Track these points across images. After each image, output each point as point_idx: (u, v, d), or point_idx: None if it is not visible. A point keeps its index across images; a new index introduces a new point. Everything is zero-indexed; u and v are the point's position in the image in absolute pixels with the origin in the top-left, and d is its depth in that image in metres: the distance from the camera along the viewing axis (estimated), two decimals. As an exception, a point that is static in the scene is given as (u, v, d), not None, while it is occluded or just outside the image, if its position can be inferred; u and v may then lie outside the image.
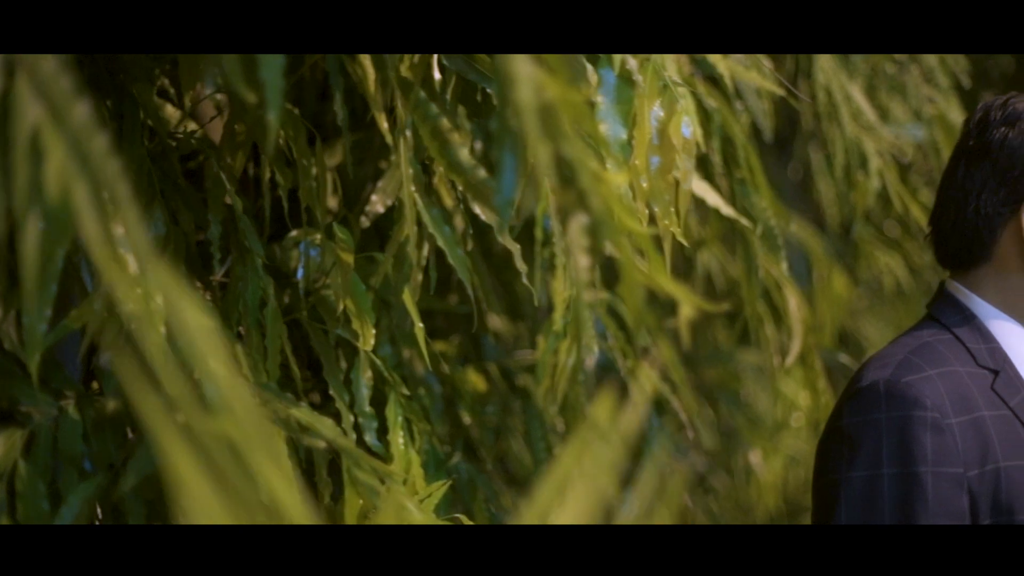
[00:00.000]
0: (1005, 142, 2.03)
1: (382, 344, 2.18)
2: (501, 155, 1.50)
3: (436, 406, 2.27)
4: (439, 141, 1.68)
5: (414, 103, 1.71)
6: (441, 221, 1.75)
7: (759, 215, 2.29)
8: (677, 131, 1.75)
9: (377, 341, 2.18)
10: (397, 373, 2.20)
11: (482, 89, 1.82)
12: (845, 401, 1.99)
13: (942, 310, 2.09)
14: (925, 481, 1.90)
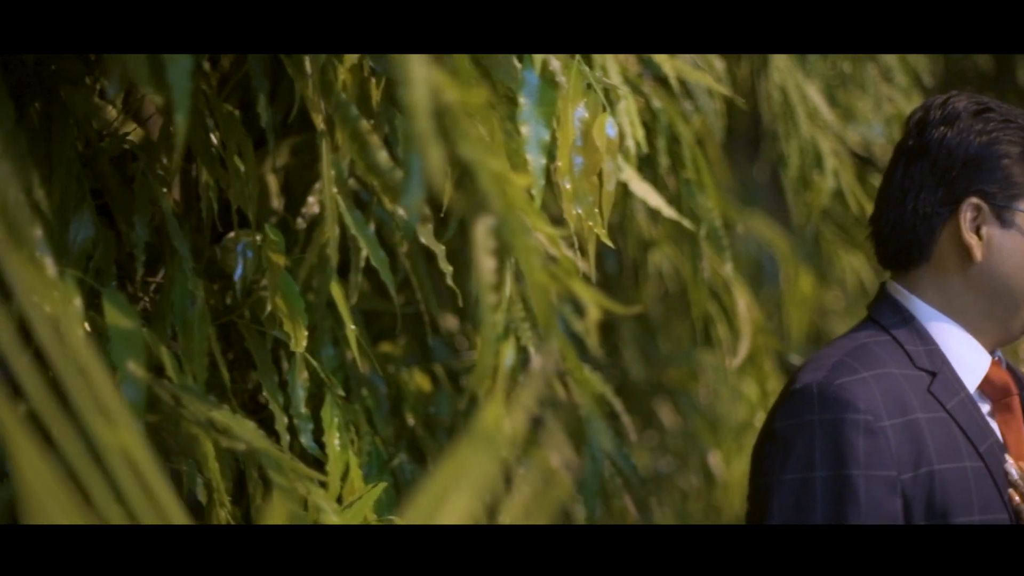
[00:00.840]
0: (943, 141, 2.02)
1: (325, 345, 2.17)
2: (408, 157, 1.50)
3: (382, 407, 2.27)
4: (358, 143, 1.67)
5: (335, 104, 1.70)
6: (364, 223, 1.75)
7: (704, 216, 2.28)
8: (601, 132, 1.74)
9: (320, 342, 2.18)
10: (340, 375, 2.20)
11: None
12: (779, 403, 1.98)
13: (881, 311, 2.08)
14: (857, 484, 1.88)
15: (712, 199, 2.29)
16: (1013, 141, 2.01)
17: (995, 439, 2.01)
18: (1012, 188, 2.01)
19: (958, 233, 2.01)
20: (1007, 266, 2.01)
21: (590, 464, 2.19)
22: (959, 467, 1.94)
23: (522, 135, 1.69)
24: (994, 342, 2.07)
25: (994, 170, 2.00)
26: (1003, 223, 2.01)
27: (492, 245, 1.49)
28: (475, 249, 1.48)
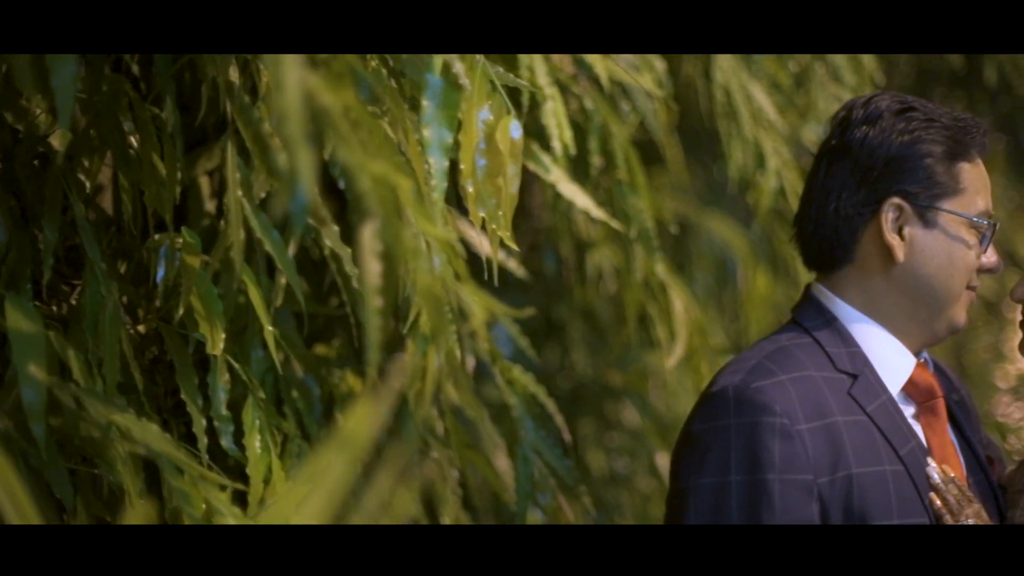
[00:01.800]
0: (865, 141, 2.00)
1: (255, 347, 2.17)
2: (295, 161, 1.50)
3: (314, 409, 2.26)
4: (260, 146, 1.67)
5: (239, 107, 1.70)
6: (270, 226, 1.75)
7: (635, 216, 2.27)
8: (505, 134, 1.74)
9: (250, 344, 2.18)
10: (270, 377, 2.20)
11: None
12: (697, 407, 1.97)
13: (804, 313, 2.06)
14: (772, 488, 1.87)
15: (644, 200, 2.28)
16: (936, 140, 1.99)
17: (918, 442, 1.99)
18: (935, 188, 1.99)
19: (880, 234, 1.99)
20: (930, 267, 2.00)
21: (521, 465, 2.18)
22: (878, 471, 1.93)
23: (424, 137, 1.68)
24: (919, 343, 2.05)
25: (916, 170, 1.99)
26: (926, 223, 1.99)
27: (379, 248, 1.49)
28: (361, 253, 1.48)
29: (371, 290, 1.47)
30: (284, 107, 1.33)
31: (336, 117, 1.37)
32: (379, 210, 1.42)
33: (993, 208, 2.08)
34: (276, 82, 1.33)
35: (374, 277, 1.47)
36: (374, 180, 1.41)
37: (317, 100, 1.37)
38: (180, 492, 1.65)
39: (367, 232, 1.47)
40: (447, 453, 2.30)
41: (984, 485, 2.09)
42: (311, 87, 1.36)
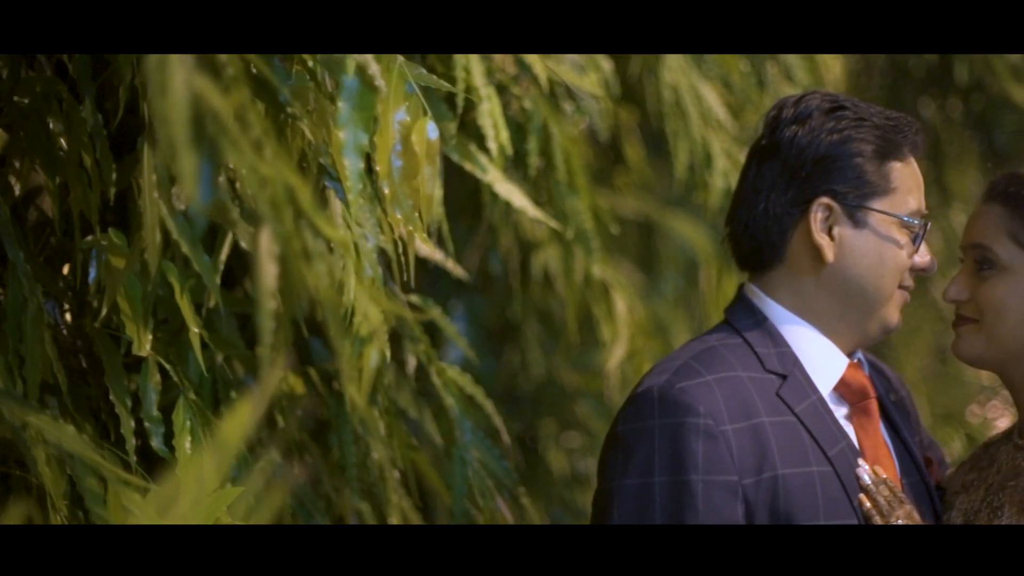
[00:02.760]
0: (795, 140, 1.99)
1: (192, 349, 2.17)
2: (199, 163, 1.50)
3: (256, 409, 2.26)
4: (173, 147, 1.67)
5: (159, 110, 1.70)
6: (187, 227, 1.75)
7: (574, 217, 2.27)
8: (421, 135, 1.73)
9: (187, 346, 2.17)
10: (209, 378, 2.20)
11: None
12: (623, 407, 1.97)
13: (736, 313, 2.05)
14: (696, 489, 1.87)
15: (584, 200, 2.27)
16: (866, 139, 1.98)
17: (848, 443, 1.98)
18: (865, 187, 1.98)
19: (809, 234, 1.98)
20: (860, 267, 1.99)
21: (458, 466, 2.18)
22: (805, 472, 1.92)
23: (339, 139, 1.68)
24: (851, 344, 2.04)
25: (845, 169, 1.97)
26: (856, 223, 1.98)
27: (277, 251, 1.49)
28: (257, 255, 1.48)
29: (265, 293, 1.47)
30: (167, 109, 1.33)
31: (226, 120, 1.37)
32: (270, 213, 1.41)
33: (966, 206, 2.08)
34: (160, 84, 1.33)
35: (269, 280, 1.47)
36: (265, 183, 1.41)
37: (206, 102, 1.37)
38: (92, 493, 1.65)
39: (263, 235, 1.48)
40: (388, 453, 2.30)
41: (920, 487, 2.08)
42: (199, 89, 1.36)
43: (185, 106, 1.33)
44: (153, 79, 1.32)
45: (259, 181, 1.40)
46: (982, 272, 2.04)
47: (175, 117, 1.32)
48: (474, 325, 2.92)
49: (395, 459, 2.31)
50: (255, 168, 1.40)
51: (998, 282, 2.02)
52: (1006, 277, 2.02)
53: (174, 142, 1.31)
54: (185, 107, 1.33)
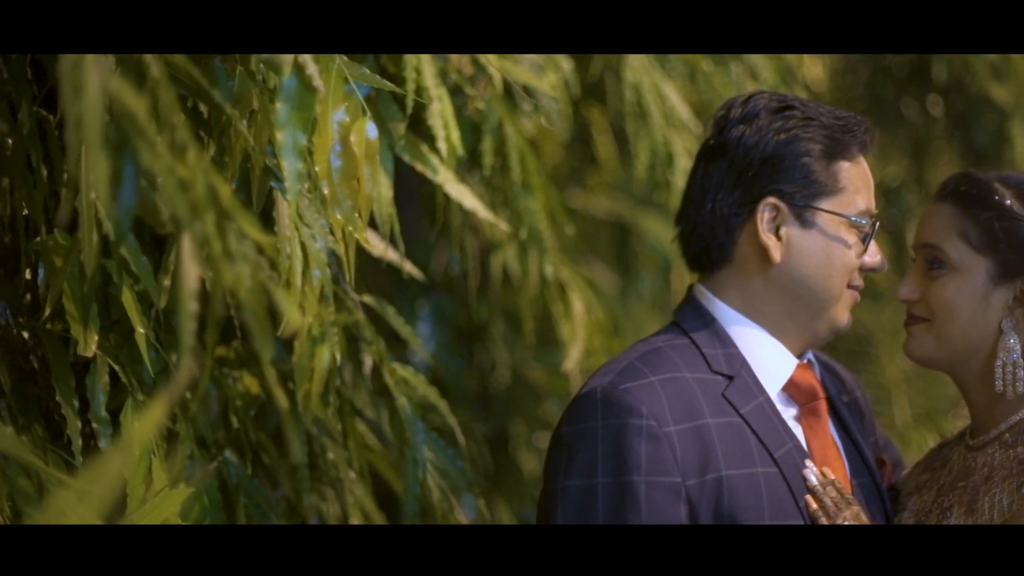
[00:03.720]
0: (742, 140, 1.98)
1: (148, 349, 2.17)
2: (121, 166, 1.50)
3: (211, 410, 2.26)
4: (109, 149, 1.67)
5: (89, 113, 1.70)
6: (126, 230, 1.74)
7: (528, 217, 2.26)
8: (361, 135, 1.73)
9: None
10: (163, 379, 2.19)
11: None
12: (567, 409, 1.96)
13: (684, 314, 2.05)
14: (638, 490, 1.86)
15: (538, 200, 2.27)
16: (814, 139, 1.97)
17: (796, 444, 1.98)
18: (812, 187, 1.97)
19: (757, 234, 1.98)
20: (807, 267, 1.98)
21: (410, 467, 2.18)
22: (750, 473, 1.91)
23: (278, 140, 1.68)
24: (800, 344, 2.03)
25: (792, 169, 1.97)
26: (803, 223, 1.98)
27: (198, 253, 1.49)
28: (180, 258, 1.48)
29: (186, 294, 1.47)
30: (80, 111, 1.33)
31: (141, 122, 1.37)
32: (188, 215, 1.41)
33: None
34: (74, 85, 1.33)
35: (191, 282, 1.47)
36: (182, 185, 1.41)
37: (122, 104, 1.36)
38: (24, 494, 1.65)
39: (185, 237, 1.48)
40: (345, 454, 2.29)
41: (870, 488, 2.08)
42: (115, 91, 1.36)
43: (99, 108, 1.33)
44: (67, 80, 1.32)
45: (177, 184, 1.40)
46: (932, 272, 2.04)
47: (88, 119, 1.32)
48: (441, 325, 2.92)
49: (351, 460, 2.30)
50: (172, 170, 1.39)
51: (948, 281, 2.02)
52: (956, 277, 2.01)
53: (87, 144, 1.31)
54: (99, 109, 1.33)
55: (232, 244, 1.49)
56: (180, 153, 1.42)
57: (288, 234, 1.89)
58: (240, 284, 1.47)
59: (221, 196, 1.47)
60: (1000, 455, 1.99)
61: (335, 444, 2.28)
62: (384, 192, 2.09)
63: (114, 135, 1.42)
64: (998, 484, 1.95)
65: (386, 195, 2.10)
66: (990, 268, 2.00)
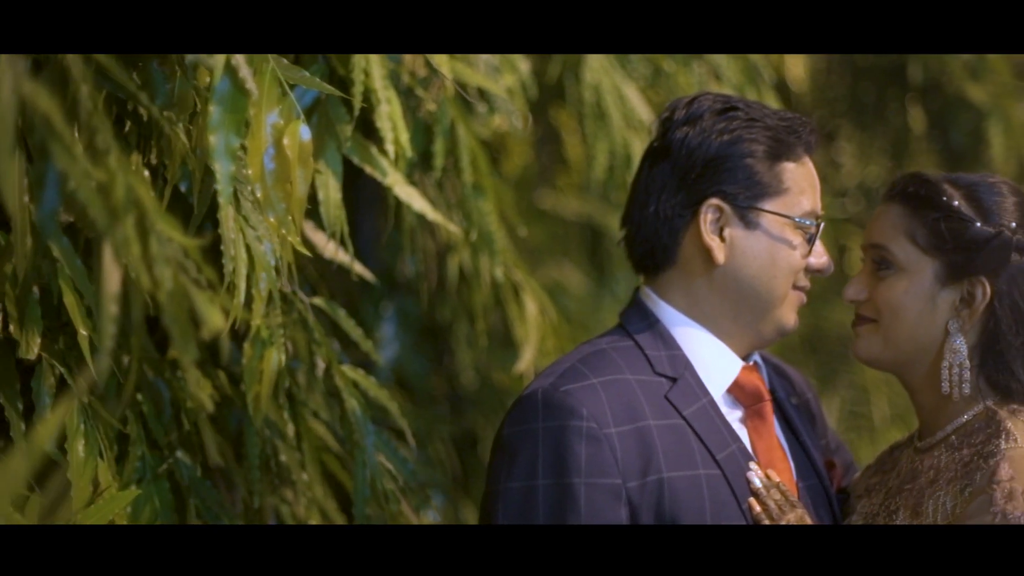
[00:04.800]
0: (685, 141, 1.98)
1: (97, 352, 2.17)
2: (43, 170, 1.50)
3: (165, 412, 2.26)
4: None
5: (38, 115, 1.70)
6: (60, 233, 1.74)
7: (479, 219, 2.26)
8: (294, 138, 1.73)
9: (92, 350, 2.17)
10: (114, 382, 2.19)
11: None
12: (509, 410, 1.96)
13: (629, 316, 2.04)
14: (578, 492, 1.85)
15: (491, 202, 2.26)
16: (757, 140, 1.97)
17: (739, 446, 1.97)
18: (755, 188, 1.96)
19: (700, 235, 1.97)
20: (751, 268, 1.97)
21: (359, 469, 2.17)
22: (692, 475, 1.91)
23: (210, 143, 1.67)
24: (746, 346, 2.03)
25: (736, 170, 1.96)
26: (747, 224, 1.97)
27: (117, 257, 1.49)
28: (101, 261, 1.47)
29: (108, 297, 1.47)
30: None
31: (57, 124, 1.37)
32: (106, 219, 1.41)
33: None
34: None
35: (112, 285, 1.47)
36: (100, 189, 1.40)
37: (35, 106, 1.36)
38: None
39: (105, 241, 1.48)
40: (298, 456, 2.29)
41: (818, 490, 2.07)
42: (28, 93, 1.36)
43: (12, 110, 1.33)
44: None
45: (95, 187, 1.39)
46: (880, 272, 2.03)
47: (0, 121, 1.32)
48: (405, 327, 2.92)
49: (304, 461, 2.30)
50: (89, 174, 1.39)
51: (895, 282, 2.01)
52: (903, 277, 2.00)
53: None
54: (12, 111, 1.33)
55: (154, 247, 1.49)
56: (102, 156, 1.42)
57: (232, 236, 1.89)
58: (161, 287, 1.46)
59: (142, 199, 1.47)
60: (946, 457, 1.98)
61: (288, 446, 2.28)
62: (332, 194, 2.09)
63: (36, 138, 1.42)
64: (942, 487, 1.94)
65: (334, 197, 2.09)
66: (937, 269, 1.99)
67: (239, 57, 1.68)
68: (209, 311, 1.43)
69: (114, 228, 1.40)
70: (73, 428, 2.00)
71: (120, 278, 1.46)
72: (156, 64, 1.82)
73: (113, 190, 1.41)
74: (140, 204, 1.47)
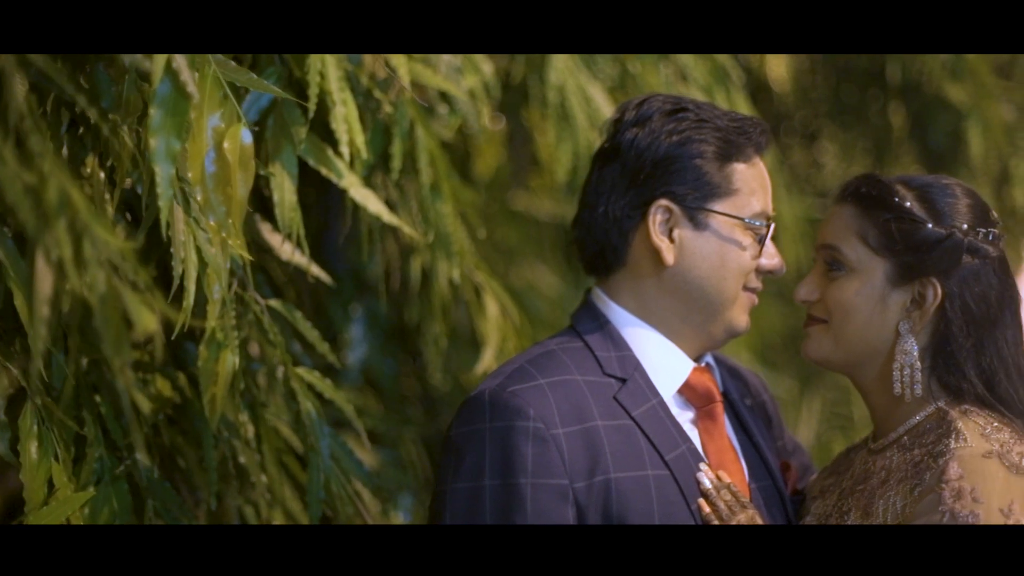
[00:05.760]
0: (635, 142, 1.98)
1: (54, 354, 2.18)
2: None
3: (124, 414, 2.27)
4: None
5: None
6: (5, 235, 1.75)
7: (436, 221, 2.26)
8: (235, 141, 1.73)
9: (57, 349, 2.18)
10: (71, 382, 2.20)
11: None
12: (457, 411, 1.96)
13: (579, 317, 2.04)
14: (524, 493, 1.85)
15: (448, 204, 2.26)
16: (707, 141, 1.96)
17: (689, 447, 1.97)
18: (704, 189, 1.96)
19: (648, 238, 1.97)
20: (701, 269, 1.97)
21: (313, 471, 2.17)
22: (640, 476, 1.90)
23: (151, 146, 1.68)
24: (697, 347, 2.03)
25: (684, 171, 1.96)
26: (696, 225, 1.97)
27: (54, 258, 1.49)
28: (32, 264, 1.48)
29: (40, 300, 1.47)
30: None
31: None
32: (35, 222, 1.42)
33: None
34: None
35: (44, 287, 1.47)
36: (30, 191, 1.41)
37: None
38: None
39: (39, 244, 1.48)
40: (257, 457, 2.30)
41: (771, 491, 2.06)
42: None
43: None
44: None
45: (24, 190, 1.40)
46: (831, 273, 2.02)
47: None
48: (374, 328, 2.92)
49: (264, 463, 2.30)
50: (18, 176, 1.40)
51: (846, 283, 2.00)
52: (853, 278, 2.00)
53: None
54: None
55: (88, 250, 1.49)
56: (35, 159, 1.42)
57: (182, 239, 1.89)
58: (93, 290, 1.47)
59: (76, 202, 1.48)
60: (898, 458, 1.97)
61: (248, 448, 2.28)
62: (287, 196, 2.09)
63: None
64: (893, 487, 1.93)
65: (289, 199, 2.09)
66: (888, 270, 1.99)
67: (180, 59, 1.68)
68: (141, 313, 1.43)
69: (45, 231, 1.40)
70: (26, 429, 2.01)
71: (52, 281, 1.46)
72: (103, 67, 1.83)
73: (45, 193, 1.41)
74: (73, 207, 1.47)
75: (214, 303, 1.98)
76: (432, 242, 2.27)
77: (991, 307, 1.97)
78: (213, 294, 1.96)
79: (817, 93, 4.26)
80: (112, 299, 1.48)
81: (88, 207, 1.48)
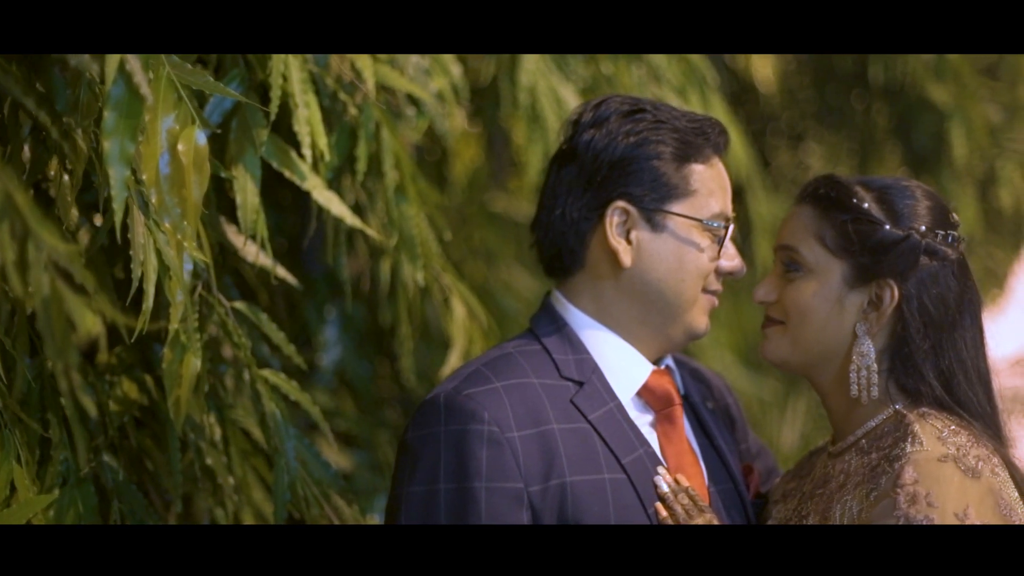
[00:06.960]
0: (592, 143, 1.98)
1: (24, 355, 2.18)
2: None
3: (90, 416, 2.27)
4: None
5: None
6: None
7: (401, 223, 2.26)
8: (189, 143, 1.74)
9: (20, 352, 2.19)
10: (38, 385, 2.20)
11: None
12: (413, 414, 1.96)
13: (538, 320, 2.04)
14: (479, 496, 1.85)
15: (414, 206, 2.26)
16: (664, 142, 1.96)
17: (647, 450, 1.96)
18: (662, 190, 1.96)
19: (606, 239, 1.97)
20: (658, 271, 1.97)
21: (279, 473, 2.18)
22: (596, 479, 1.90)
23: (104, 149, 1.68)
24: (656, 350, 2.02)
25: (642, 172, 1.96)
26: (653, 227, 1.97)
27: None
28: None
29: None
30: None
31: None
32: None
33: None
34: None
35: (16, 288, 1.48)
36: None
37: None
38: None
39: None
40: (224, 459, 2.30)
41: (731, 495, 2.06)
42: None
43: None
44: None
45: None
46: (789, 274, 2.02)
47: None
48: (349, 330, 2.93)
49: (230, 464, 2.31)
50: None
51: (803, 284, 2.00)
52: (811, 279, 2.00)
53: None
54: None
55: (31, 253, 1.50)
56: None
57: (141, 241, 1.90)
58: (36, 293, 1.47)
59: (20, 205, 1.48)
60: (856, 461, 1.97)
61: (215, 449, 2.29)
62: (250, 198, 2.10)
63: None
64: (850, 491, 1.93)
65: (251, 201, 2.10)
66: (845, 271, 1.98)
67: (134, 60, 1.69)
68: (84, 316, 1.44)
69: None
70: (-12, 432, 2.02)
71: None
72: (58, 70, 1.83)
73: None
74: (17, 209, 1.48)
75: (176, 305, 1.99)
76: (397, 244, 2.27)
77: (949, 309, 1.97)
78: (176, 297, 1.97)
79: (803, 94, 4.26)
80: (55, 302, 1.49)
81: (33, 210, 1.48)
